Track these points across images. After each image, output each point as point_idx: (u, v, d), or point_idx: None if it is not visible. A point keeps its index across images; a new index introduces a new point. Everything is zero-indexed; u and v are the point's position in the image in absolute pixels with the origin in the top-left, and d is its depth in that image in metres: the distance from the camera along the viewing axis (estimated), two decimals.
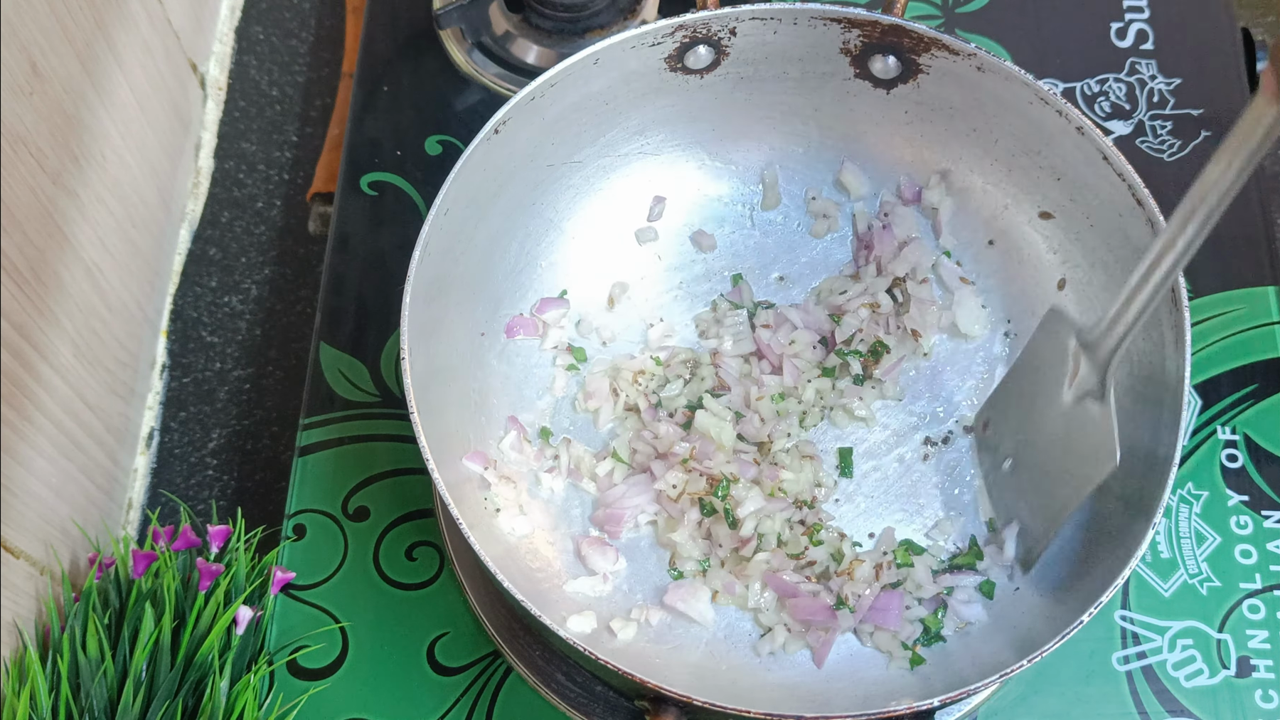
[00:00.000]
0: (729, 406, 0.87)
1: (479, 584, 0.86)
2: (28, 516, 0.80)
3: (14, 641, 0.79)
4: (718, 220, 0.94)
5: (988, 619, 0.81)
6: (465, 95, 1.04)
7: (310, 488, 0.90)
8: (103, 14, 0.90)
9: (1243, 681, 0.84)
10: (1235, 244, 0.96)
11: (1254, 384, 0.92)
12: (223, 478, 0.99)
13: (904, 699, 0.72)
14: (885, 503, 0.86)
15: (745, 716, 0.69)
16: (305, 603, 0.86)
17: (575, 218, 0.91)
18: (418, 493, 0.90)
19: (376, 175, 1.00)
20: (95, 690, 0.78)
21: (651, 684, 0.69)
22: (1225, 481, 0.89)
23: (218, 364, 1.03)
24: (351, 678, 0.84)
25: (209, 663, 0.79)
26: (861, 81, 0.88)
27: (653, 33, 0.84)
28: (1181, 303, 0.76)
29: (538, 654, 0.84)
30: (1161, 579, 0.87)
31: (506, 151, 0.83)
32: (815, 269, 0.93)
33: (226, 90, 1.14)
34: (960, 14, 1.07)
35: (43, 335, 0.82)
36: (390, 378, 0.93)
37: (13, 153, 0.77)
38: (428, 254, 0.79)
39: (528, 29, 1.03)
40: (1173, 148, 1.01)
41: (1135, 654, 0.85)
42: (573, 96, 0.85)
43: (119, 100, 0.93)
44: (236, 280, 1.06)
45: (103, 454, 0.92)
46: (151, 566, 0.83)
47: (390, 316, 0.95)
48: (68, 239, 0.85)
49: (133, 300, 0.97)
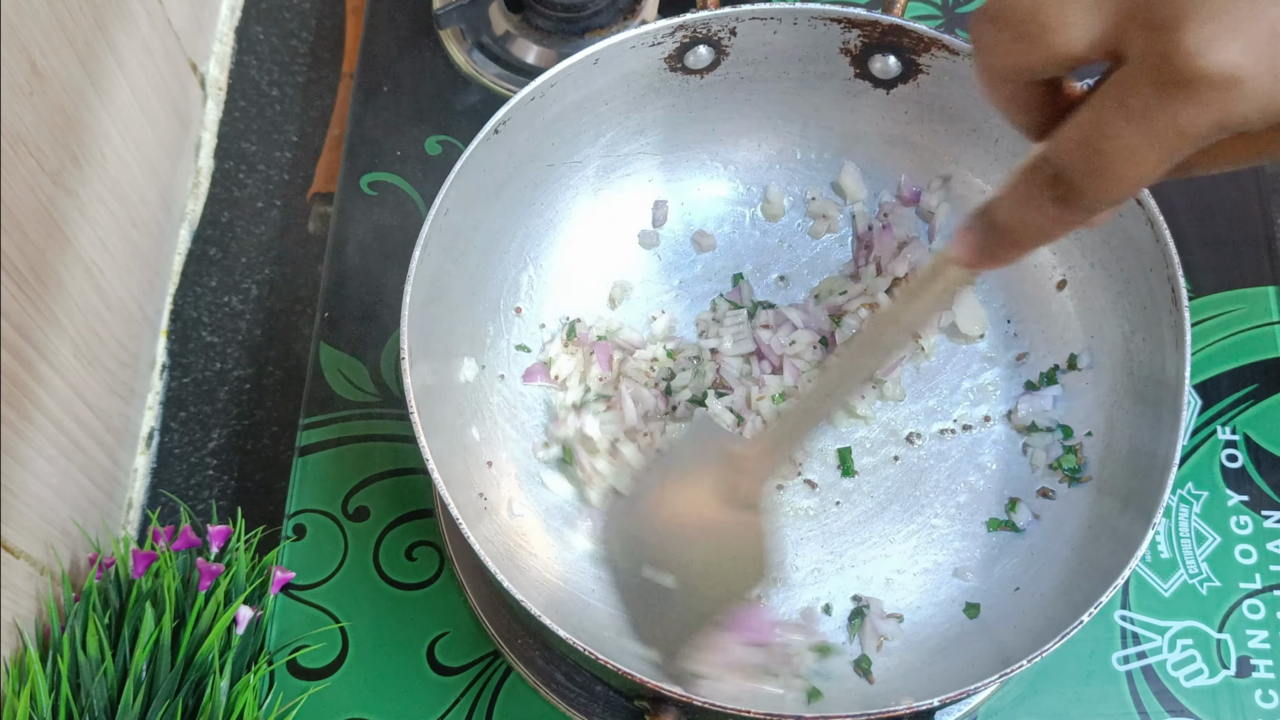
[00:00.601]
0: (729, 408, 0.87)
1: (479, 584, 0.86)
2: (28, 516, 0.80)
3: (14, 641, 0.79)
4: (718, 220, 0.94)
5: (970, 626, 0.81)
6: (465, 95, 1.04)
7: (310, 488, 0.90)
8: (103, 14, 0.90)
9: (1243, 681, 0.84)
10: (1235, 244, 0.96)
11: (1254, 384, 0.92)
12: (223, 478, 0.99)
13: (904, 699, 0.72)
14: (884, 503, 0.86)
15: (745, 716, 0.69)
16: (305, 602, 0.86)
17: (575, 218, 0.91)
18: (418, 493, 0.90)
19: (376, 175, 1.00)
20: (95, 690, 0.78)
21: (651, 684, 0.69)
22: (1225, 481, 0.89)
23: (218, 364, 1.03)
24: (351, 678, 0.84)
25: (209, 662, 0.79)
26: (862, 81, 0.88)
27: (653, 33, 0.84)
28: (1181, 303, 0.76)
29: (538, 654, 0.84)
30: (1161, 579, 0.87)
31: (506, 151, 0.83)
32: (815, 269, 0.93)
33: (226, 90, 1.14)
34: (960, 14, 1.07)
35: (43, 335, 0.82)
36: (390, 378, 0.93)
37: (13, 153, 0.77)
38: (428, 254, 0.79)
39: (528, 29, 1.03)
40: None
41: (1135, 654, 0.85)
42: (573, 96, 0.85)
43: (119, 100, 0.93)
44: (236, 280, 1.06)
45: (103, 454, 0.92)
46: (151, 566, 0.83)
47: (390, 316, 0.95)
48: (68, 239, 0.85)
49: (133, 300, 0.97)
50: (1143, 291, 0.81)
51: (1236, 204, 0.98)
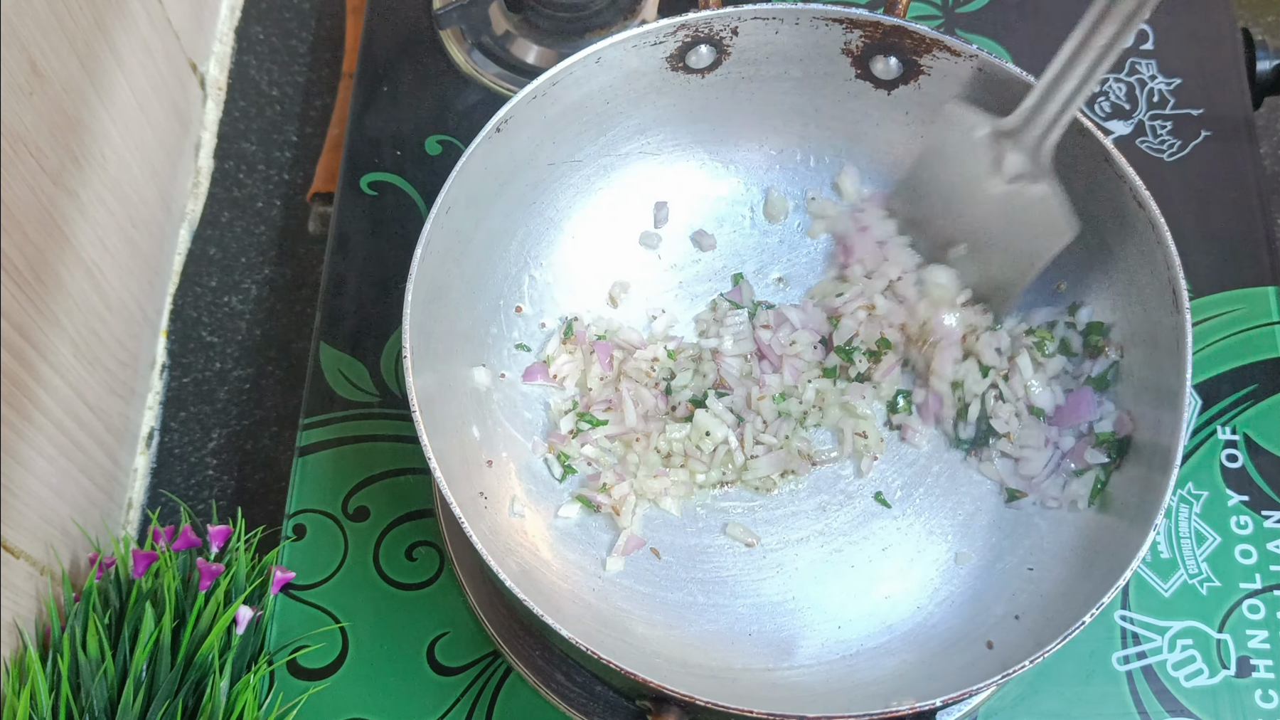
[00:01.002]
0: (730, 408, 0.87)
1: (479, 584, 0.86)
2: (28, 516, 0.80)
3: (14, 641, 0.79)
4: (718, 220, 0.94)
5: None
6: (465, 95, 1.04)
7: (310, 488, 0.90)
8: (103, 14, 0.90)
9: (1243, 681, 0.84)
10: (1235, 244, 0.96)
11: (1254, 384, 0.92)
12: (223, 478, 0.99)
13: (904, 699, 0.72)
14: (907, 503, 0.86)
15: (747, 716, 0.69)
16: (305, 603, 0.86)
17: (576, 217, 0.91)
18: (418, 493, 0.90)
19: (376, 175, 1.00)
20: (95, 690, 0.78)
21: (653, 683, 0.69)
22: (1225, 481, 0.89)
23: (218, 364, 1.03)
24: (351, 678, 0.84)
25: (209, 662, 0.79)
26: (863, 82, 0.88)
27: (655, 32, 0.84)
28: (1182, 304, 0.76)
29: (538, 654, 0.84)
30: (1161, 579, 0.87)
31: (508, 150, 0.83)
32: (815, 269, 0.93)
33: (226, 90, 1.14)
34: (960, 14, 1.07)
35: (43, 335, 0.82)
36: (390, 378, 0.93)
37: (13, 153, 0.77)
38: (429, 252, 0.78)
39: (528, 29, 1.03)
40: (1172, 148, 1.01)
41: (1135, 654, 0.85)
42: (574, 95, 0.85)
43: (119, 100, 0.93)
44: (236, 280, 1.06)
45: (103, 454, 0.92)
46: (152, 566, 0.83)
47: (390, 316, 0.95)
48: (68, 239, 0.85)
49: (133, 300, 0.97)
50: (1143, 292, 0.81)
51: (1236, 204, 0.98)
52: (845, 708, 0.76)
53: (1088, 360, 0.85)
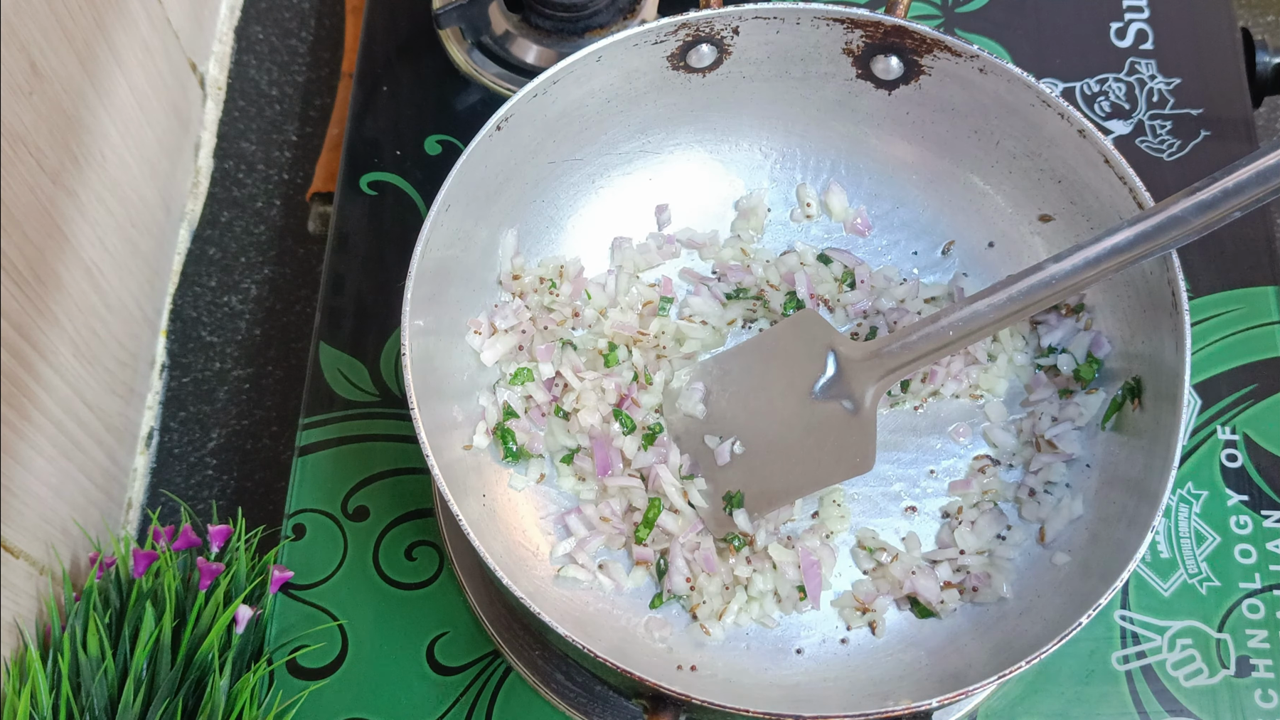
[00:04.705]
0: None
1: (479, 583, 0.86)
2: (28, 516, 0.80)
3: (14, 641, 0.79)
4: (718, 220, 0.94)
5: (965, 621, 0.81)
6: (465, 95, 1.04)
7: (310, 487, 0.90)
8: (103, 14, 0.90)
9: (1242, 681, 0.84)
10: (1235, 244, 0.97)
11: (1253, 384, 0.92)
12: (223, 477, 0.99)
13: (902, 699, 0.72)
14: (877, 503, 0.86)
15: (745, 716, 0.69)
16: (305, 602, 0.86)
17: (576, 215, 0.91)
18: (417, 492, 0.90)
19: (376, 175, 1.00)
20: (96, 689, 0.78)
21: (650, 682, 0.69)
22: (1225, 481, 0.89)
23: (217, 364, 1.03)
24: (351, 677, 0.84)
25: (209, 662, 0.79)
26: (863, 82, 0.88)
27: (656, 31, 0.84)
28: (1181, 303, 0.76)
29: (537, 654, 0.84)
30: (1161, 579, 0.87)
31: (508, 148, 0.83)
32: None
33: (226, 90, 1.14)
34: (960, 14, 1.07)
35: (43, 335, 0.82)
36: (390, 377, 0.93)
37: (13, 153, 0.77)
38: (429, 250, 0.79)
39: (527, 29, 1.03)
40: (1172, 148, 1.01)
41: (1135, 654, 0.85)
42: (575, 94, 0.85)
43: (119, 100, 0.93)
44: (236, 280, 1.06)
45: (103, 454, 0.92)
46: (152, 566, 0.83)
47: (390, 316, 0.95)
48: (68, 239, 0.85)
49: (132, 300, 0.97)
50: (1143, 291, 0.81)
51: None
52: (844, 708, 0.76)
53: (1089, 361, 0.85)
